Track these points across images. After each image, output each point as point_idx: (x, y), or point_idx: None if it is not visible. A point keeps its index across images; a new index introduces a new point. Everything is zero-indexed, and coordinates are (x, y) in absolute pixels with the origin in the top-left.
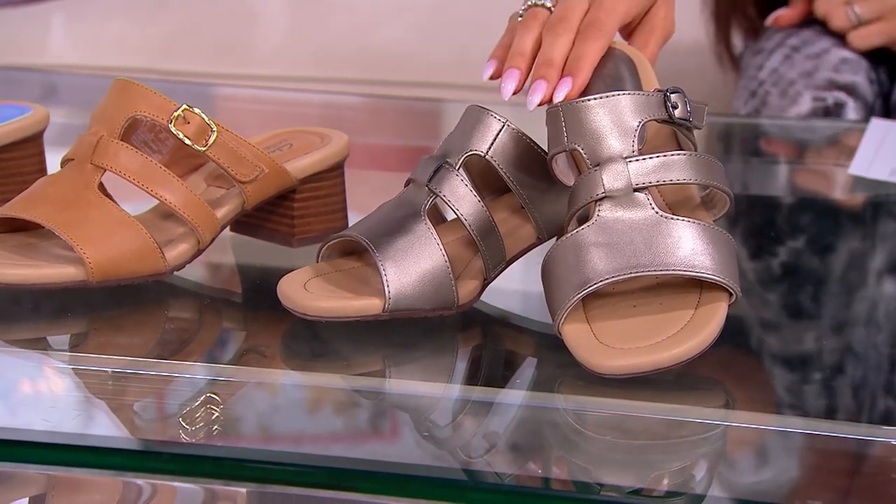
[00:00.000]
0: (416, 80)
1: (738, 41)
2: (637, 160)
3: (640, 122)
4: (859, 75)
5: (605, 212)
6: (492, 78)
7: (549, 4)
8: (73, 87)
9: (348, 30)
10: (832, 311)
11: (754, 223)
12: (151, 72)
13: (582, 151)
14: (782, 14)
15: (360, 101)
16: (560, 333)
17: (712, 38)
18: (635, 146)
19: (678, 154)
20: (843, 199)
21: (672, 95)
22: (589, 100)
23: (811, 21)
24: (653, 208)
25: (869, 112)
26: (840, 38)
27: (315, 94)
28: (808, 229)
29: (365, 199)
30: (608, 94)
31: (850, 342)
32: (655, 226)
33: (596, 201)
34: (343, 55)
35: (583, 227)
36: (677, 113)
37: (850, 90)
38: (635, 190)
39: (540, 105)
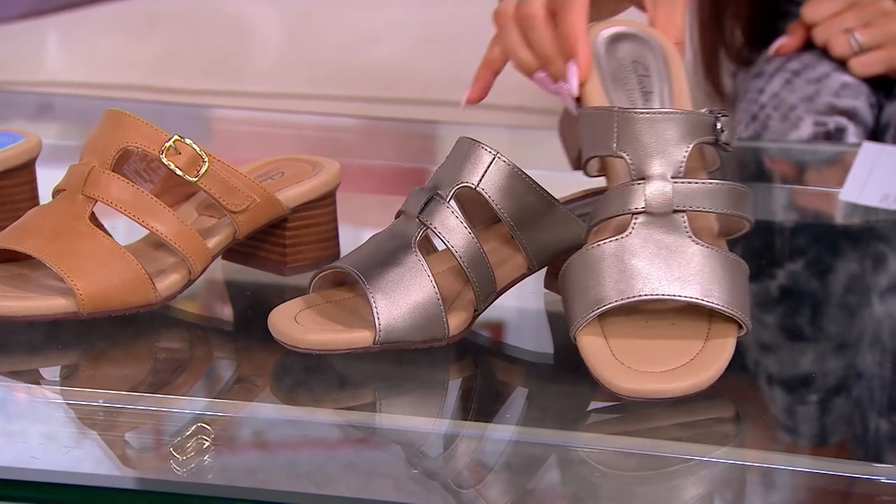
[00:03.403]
0: (411, 96)
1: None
2: (682, 182)
3: (691, 144)
4: (860, 100)
5: (641, 227)
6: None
7: None
8: (68, 105)
9: (343, 46)
10: (823, 337)
11: (753, 247)
12: (146, 89)
13: (628, 160)
14: (784, 43)
15: (354, 122)
16: (575, 339)
17: (701, 76)
18: (683, 167)
19: (721, 183)
20: (837, 223)
21: (722, 118)
22: (646, 112)
23: (810, 44)
24: (687, 233)
25: (870, 137)
26: (840, 62)
27: (309, 115)
28: (803, 253)
29: (358, 220)
30: (665, 109)
31: (838, 370)
32: (685, 251)
33: (633, 214)
34: (338, 71)
35: (616, 237)
36: (723, 136)
37: (850, 115)
38: (674, 211)
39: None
